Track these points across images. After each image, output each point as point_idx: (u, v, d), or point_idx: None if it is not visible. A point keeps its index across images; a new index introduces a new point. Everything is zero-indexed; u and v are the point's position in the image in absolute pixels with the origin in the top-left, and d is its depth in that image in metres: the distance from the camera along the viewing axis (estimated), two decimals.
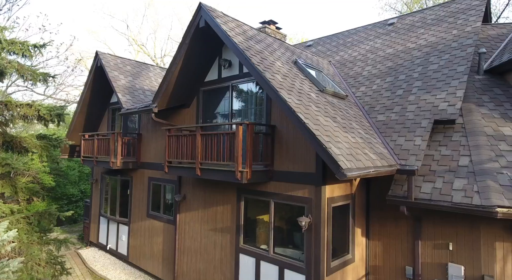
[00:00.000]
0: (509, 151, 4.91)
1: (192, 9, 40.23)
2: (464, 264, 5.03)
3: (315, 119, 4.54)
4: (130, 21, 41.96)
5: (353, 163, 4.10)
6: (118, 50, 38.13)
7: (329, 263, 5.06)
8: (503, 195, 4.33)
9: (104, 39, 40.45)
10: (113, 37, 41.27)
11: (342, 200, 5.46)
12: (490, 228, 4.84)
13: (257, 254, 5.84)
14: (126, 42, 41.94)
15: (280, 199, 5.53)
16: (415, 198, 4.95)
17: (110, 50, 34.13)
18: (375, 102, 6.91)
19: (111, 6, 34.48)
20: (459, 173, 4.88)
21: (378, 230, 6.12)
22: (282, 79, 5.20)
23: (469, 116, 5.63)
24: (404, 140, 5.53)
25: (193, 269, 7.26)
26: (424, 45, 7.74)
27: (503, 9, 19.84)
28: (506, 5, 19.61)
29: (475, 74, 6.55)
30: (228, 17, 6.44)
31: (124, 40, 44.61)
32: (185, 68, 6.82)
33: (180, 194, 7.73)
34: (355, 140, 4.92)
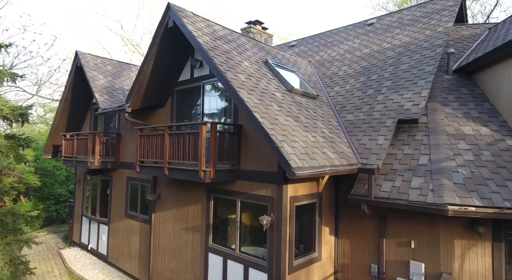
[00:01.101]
0: (467, 149, 4.96)
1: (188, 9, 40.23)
2: (424, 262, 5.08)
3: (273, 119, 4.58)
4: (124, 22, 41.82)
5: (306, 162, 4.13)
6: (114, 50, 38.10)
7: (291, 261, 5.09)
8: (456, 193, 4.38)
9: (99, 39, 40.34)
10: (108, 37, 41.23)
11: (308, 198, 5.50)
12: (449, 226, 4.90)
13: (224, 253, 5.86)
14: (121, 42, 41.84)
15: (245, 198, 5.56)
16: (375, 197, 4.99)
17: (105, 50, 34.08)
18: (346, 102, 6.95)
19: (105, 5, 34.40)
20: (418, 171, 4.93)
21: (346, 228, 6.16)
22: (245, 79, 5.23)
23: (433, 116, 5.68)
24: (368, 139, 5.57)
25: (166, 269, 7.27)
26: (398, 45, 7.80)
27: (492, 9, 19.98)
28: (495, 6, 19.76)
29: (444, 74, 6.61)
30: (198, 17, 6.46)
31: (119, 40, 44.49)
32: (157, 68, 6.83)
33: (155, 193, 7.75)
34: (316, 139, 4.96)
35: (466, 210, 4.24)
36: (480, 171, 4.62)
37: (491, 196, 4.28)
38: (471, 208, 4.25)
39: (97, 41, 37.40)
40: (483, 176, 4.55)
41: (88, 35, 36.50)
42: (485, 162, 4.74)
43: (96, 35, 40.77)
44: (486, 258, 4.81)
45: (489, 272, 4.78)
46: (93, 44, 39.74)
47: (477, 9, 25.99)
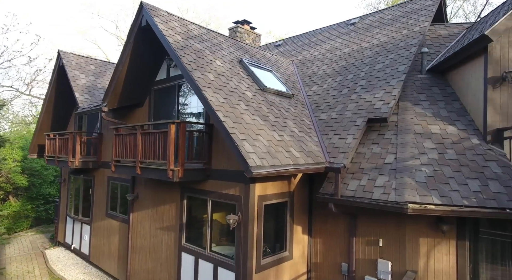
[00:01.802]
0: (432, 148, 4.99)
1: (181, 9, 40.18)
2: (391, 260, 5.10)
3: (237, 118, 4.59)
4: (120, 22, 41.69)
5: (267, 161, 4.14)
6: (109, 50, 37.98)
7: (259, 260, 5.10)
8: (417, 191, 4.40)
9: (94, 39, 40.18)
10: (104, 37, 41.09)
11: (278, 197, 5.50)
12: (415, 225, 4.92)
13: (196, 252, 5.87)
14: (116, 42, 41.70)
15: (216, 197, 5.56)
16: (342, 196, 5.01)
17: (100, 50, 33.98)
18: (322, 101, 6.97)
19: (98, 6, 34.27)
20: (383, 170, 4.95)
21: (319, 227, 6.17)
22: (214, 78, 5.24)
23: (403, 115, 5.71)
24: (338, 138, 5.59)
25: (143, 268, 7.27)
26: (376, 45, 7.83)
27: (482, 9, 20.06)
28: (485, 5, 19.84)
29: (418, 73, 6.64)
30: (173, 17, 6.46)
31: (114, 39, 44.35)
32: (133, 67, 6.83)
33: (133, 193, 7.74)
34: (282, 138, 4.97)
35: (425, 208, 4.27)
36: (442, 170, 4.64)
37: (450, 194, 4.30)
38: (431, 206, 4.28)
39: (92, 41, 37.32)
40: (445, 174, 4.57)
41: (83, 35, 36.45)
42: (449, 160, 4.77)
43: (91, 35, 40.63)
44: (450, 256, 4.84)
45: (453, 270, 4.81)
46: (88, 44, 39.59)
47: (468, 9, 26.15)
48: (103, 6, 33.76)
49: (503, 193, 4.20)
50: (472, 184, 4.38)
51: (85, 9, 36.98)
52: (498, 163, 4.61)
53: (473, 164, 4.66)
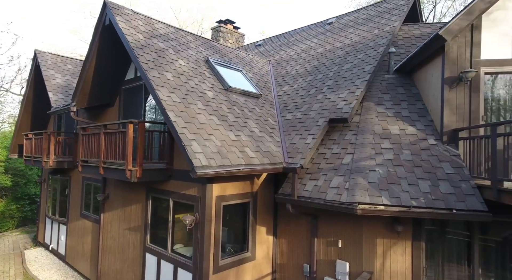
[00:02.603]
0: (389, 149, 4.98)
1: (174, 9, 40.00)
2: (349, 261, 5.09)
3: (190, 118, 4.55)
4: None
5: (215, 161, 4.11)
6: None
7: (217, 261, 5.07)
8: (367, 192, 4.38)
9: (88, 39, 39.90)
10: None
11: (239, 198, 5.47)
12: (371, 225, 4.91)
13: (158, 253, 5.83)
14: None
15: (177, 198, 5.53)
16: (298, 196, 5.00)
17: None
18: (290, 101, 6.95)
19: (91, 5, 34.05)
20: (340, 170, 4.93)
21: (284, 228, 6.15)
22: (172, 77, 5.20)
23: (366, 115, 5.69)
24: (299, 138, 5.57)
25: (112, 269, 7.23)
26: (348, 45, 7.81)
27: None
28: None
29: (385, 73, 6.62)
30: (138, 15, 6.41)
31: None
32: (100, 66, 6.78)
33: (104, 193, 7.69)
34: (238, 138, 4.94)
35: (375, 209, 4.25)
36: (396, 170, 4.63)
37: (400, 195, 4.29)
38: (380, 207, 4.26)
39: (85, 41, 37.08)
40: (398, 175, 4.56)
41: (76, 34, 36.27)
42: (403, 161, 4.75)
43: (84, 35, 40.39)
44: (406, 256, 4.83)
45: (409, 271, 4.80)
46: (82, 44, 39.34)
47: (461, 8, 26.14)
48: (95, 6, 33.56)
49: (452, 194, 4.19)
50: (423, 185, 4.37)
51: (77, 9, 36.79)
52: (451, 163, 4.60)
53: (427, 164, 4.64)
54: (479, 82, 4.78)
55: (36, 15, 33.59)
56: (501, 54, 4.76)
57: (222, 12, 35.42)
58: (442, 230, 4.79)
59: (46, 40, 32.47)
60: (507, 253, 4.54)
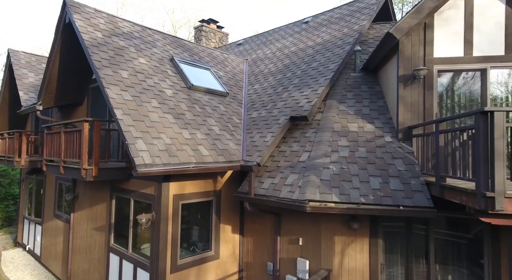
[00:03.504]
0: (346, 146, 4.98)
1: (167, 9, 39.78)
2: (309, 259, 5.08)
3: (141, 116, 4.52)
4: None
5: (161, 159, 4.08)
6: None
7: (174, 260, 5.04)
8: (319, 189, 4.38)
9: None
10: None
11: (200, 196, 5.44)
12: (330, 223, 4.90)
13: (121, 252, 5.79)
14: None
15: (137, 197, 5.49)
16: (255, 194, 4.98)
17: None
18: (258, 99, 6.93)
19: None
20: (296, 168, 4.93)
21: (250, 226, 6.13)
22: (128, 75, 5.16)
23: (327, 113, 5.69)
24: (259, 136, 5.56)
25: (81, 269, 7.17)
26: (318, 43, 7.81)
27: None
28: None
29: (352, 71, 6.63)
30: (101, 14, 6.35)
31: None
32: (65, 65, 6.70)
33: (74, 193, 7.62)
34: (193, 136, 4.92)
35: (325, 206, 4.25)
36: (349, 167, 4.63)
37: (350, 192, 4.29)
38: (330, 204, 4.26)
39: None
40: (351, 172, 4.56)
41: None
42: (358, 158, 4.75)
43: None
44: (364, 253, 4.83)
45: (367, 268, 4.81)
46: None
47: None
48: None
49: (401, 190, 4.20)
50: (374, 182, 4.37)
51: None
52: (404, 160, 4.61)
53: (380, 161, 4.65)
54: (433, 80, 4.80)
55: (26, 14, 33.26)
56: (453, 52, 4.78)
57: (218, 12, 35.37)
58: (400, 226, 4.80)
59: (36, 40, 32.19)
60: (463, 248, 4.56)
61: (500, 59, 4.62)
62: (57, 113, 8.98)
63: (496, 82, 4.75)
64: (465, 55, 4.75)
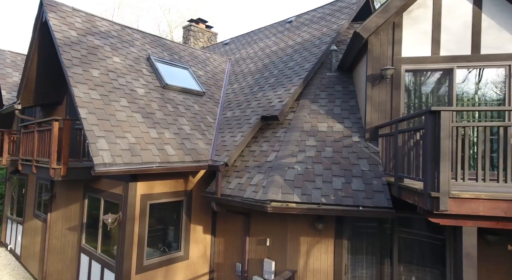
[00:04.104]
0: (313, 146, 4.96)
1: (163, 9, 39.78)
2: (275, 259, 5.06)
3: (107, 115, 4.50)
4: None
5: (122, 159, 4.06)
6: None
7: (141, 260, 5.00)
8: (281, 189, 4.36)
9: None
10: None
11: (170, 196, 5.42)
12: (296, 224, 4.88)
13: (90, 253, 5.76)
14: None
15: (106, 196, 5.46)
16: (222, 194, 4.96)
17: None
18: (234, 99, 6.92)
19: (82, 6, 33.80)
20: (263, 168, 4.90)
21: (222, 227, 6.10)
22: (99, 74, 5.14)
23: (299, 112, 5.67)
24: (230, 136, 5.54)
25: (55, 269, 7.12)
26: (298, 43, 7.81)
27: None
28: None
29: (328, 71, 6.62)
30: (79, 13, 6.34)
31: None
32: (44, 64, 6.68)
33: (51, 192, 7.59)
34: (161, 135, 4.89)
35: (287, 207, 4.23)
36: (314, 167, 4.61)
37: (312, 192, 4.27)
38: (292, 204, 4.24)
39: None
40: (315, 172, 4.54)
41: None
42: (324, 158, 4.73)
43: None
44: (328, 254, 4.81)
45: (331, 269, 4.78)
46: None
47: None
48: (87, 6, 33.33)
49: (362, 191, 4.18)
50: (337, 182, 4.35)
51: None
52: (368, 160, 4.60)
53: (346, 161, 4.63)
54: (400, 80, 4.79)
55: None
56: (421, 51, 4.77)
57: (216, 13, 35.38)
58: (365, 226, 4.78)
59: None
60: (427, 247, 4.54)
61: (467, 59, 4.61)
62: (39, 113, 8.96)
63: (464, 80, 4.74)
64: (433, 54, 4.74)
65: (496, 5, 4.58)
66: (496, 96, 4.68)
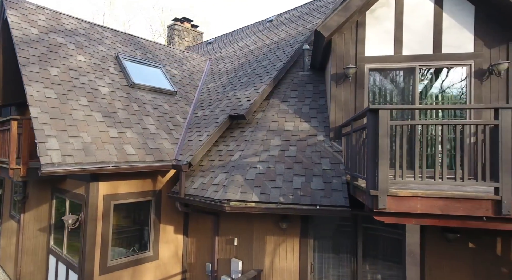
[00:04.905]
0: (277, 145, 4.92)
1: (156, 8, 39.48)
2: (242, 259, 5.02)
3: (62, 114, 4.42)
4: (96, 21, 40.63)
5: (74, 158, 3.98)
6: None
7: (104, 261, 4.93)
8: (241, 188, 4.31)
9: None
10: None
11: (137, 197, 5.35)
12: (261, 223, 4.84)
13: (57, 254, 5.67)
14: None
15: (70, 197, 5.38)
16: (185, 194, 4.90)
17: None
18: (208, 98, 6.86)
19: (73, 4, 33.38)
20: (226, 167, 4.86)
21: (194, 227, 6.05)
22: (57, 73, 5.05)
23: (267, 112, 5.63)
24: (197, 135, 5.48)
25: (28, 271, 7.02)
26: (274, 42, 7.76)
27: None
28: None
29: (301, 70, 6.58)
30: (43, 10, 6.23)
31: None
32: (9, 62, 6.56)
33: (24, 193, 7.47)
34: (121, 135, 4.82)
35: (246, 206, 4.19)
36: (276, 166, 4.57)
37: (271, 192, 4.23)
38: (251, 204, 4.20)
39: None
40: (277, 171, 4.50)
41: None
42: (287, 157, 4.70)
43: None
44: (294, 253, 4.78)
45: (297, 268, 4.75)
46: None
47: None
48: (78, 6, 32.93)
49: (321, 190, 4.15)
50: (297, 181, 4.32)
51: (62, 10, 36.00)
52: (331, 159, 4.57)
53: (308, 161, 4.60)
54: (364, 79, 4.76)
55: None
56: (384, 50, 4.74)
57: (209, 12, 35.18)
58: (329, 224, 4.75)
59: None
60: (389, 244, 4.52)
61: (428, 58, 4.60)
62: (14, 112, 8.83)
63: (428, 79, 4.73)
64: (395, 54, 4.72)
65: (456, 5, 4.57)
66: (459, 94, 4.68)
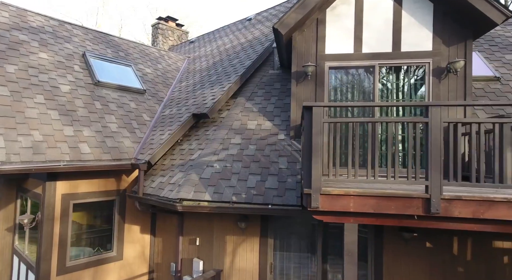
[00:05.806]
0: (237, 144, 4.87)
1: (150, 7, 39.30)
2: (203, 259, 4.97)
3: (14, 112, 4.36)
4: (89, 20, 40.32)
5: (20, 157, 3.91)
6: None
7: (62, 262, 4.86)
8: (195, 188, 4.26)
9: None
10: None
11: (99, 196, 5.27)
12: (221, 222, 4.79)
13: (19, 254, 5.59)
14: None
15: (31, 196, 5.30)
16: (144, 193, 4.84)
17: None
18: (177, 96, 6.80)
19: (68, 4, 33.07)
20: (185, 166, 4.80)
21: (161, 227, 5.98)
22: (15, 70, 4.98)
23: (232, 110, 5.58)
24: (159, 134, 5.42)
25: None
26: (248, 40, 7.72)
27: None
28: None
29: (271, 69, 6.54)
30: (7, 7, 6.13)
31: None
32: None
33: None
34: (77, 133, 4.75)
35: (198, 205, 4.13)
36: (233, 165, 4.52)
37: (225, 191, 4.18)
38: (204, 203, 4.15)
39: None
40: (233, 170, 4.45)
41: None
42: (245, 156, 4.65)
43: None
44: (254, 253, 4.73)
45: (256, 268, 4.70)
46: None
47: None
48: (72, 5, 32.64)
49: (274, 189, 4.11)
50: (252, 180, 4.27)
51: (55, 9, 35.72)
52: (288, 158, 4.53)
53: (266, 159, 4.55)
54: (324, 77, 4.73)
55: None
56: (344, 48, 4.71)
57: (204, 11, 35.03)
58: (289, 224, 4.71)
59: None
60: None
61: (388, 56, 4.57)
62: None
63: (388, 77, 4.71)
64: (355, 52, 4.69)
65: (415, 2, 4.55)
66: (418, 92, 4.67)
